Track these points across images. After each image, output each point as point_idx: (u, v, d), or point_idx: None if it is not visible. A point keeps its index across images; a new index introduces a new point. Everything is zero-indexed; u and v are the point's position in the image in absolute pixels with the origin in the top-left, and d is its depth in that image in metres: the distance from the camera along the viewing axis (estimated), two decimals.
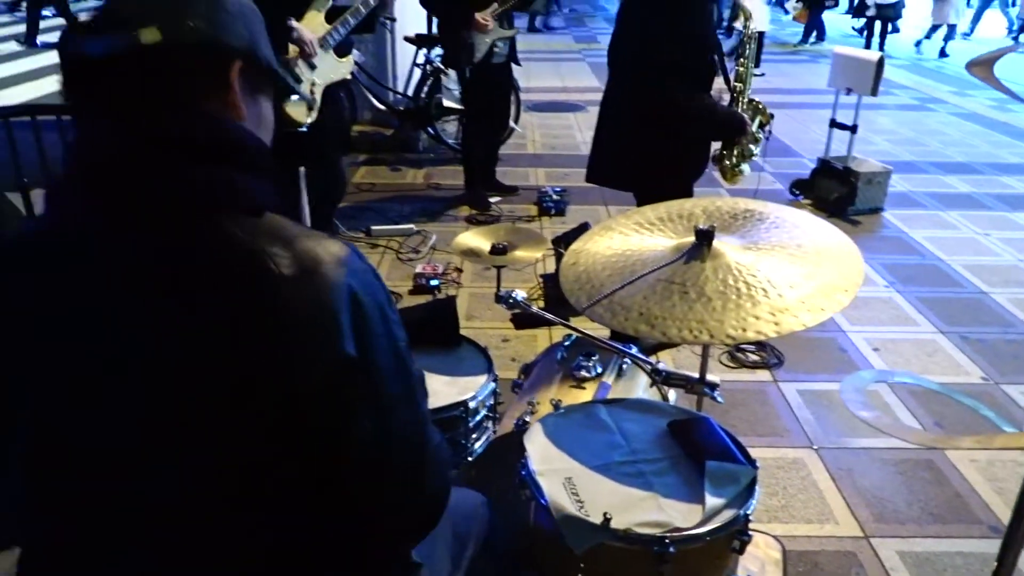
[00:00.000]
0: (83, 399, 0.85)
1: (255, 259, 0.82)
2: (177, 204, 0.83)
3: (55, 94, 0.93)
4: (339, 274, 0.86)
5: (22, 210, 3.40)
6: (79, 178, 0.87)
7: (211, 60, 0.88)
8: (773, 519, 2.33)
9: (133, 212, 0.83)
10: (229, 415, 0.82)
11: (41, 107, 3.43)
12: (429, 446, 0.97)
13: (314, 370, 0.83)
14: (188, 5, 0.87)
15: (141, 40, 0.83)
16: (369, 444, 0.88)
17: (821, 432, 2.75)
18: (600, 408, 1.63)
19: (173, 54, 0.85)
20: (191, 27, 0.86)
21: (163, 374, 0.82)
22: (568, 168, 5.79)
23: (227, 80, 0.89)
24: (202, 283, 0.82)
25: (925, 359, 3.27)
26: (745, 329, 1.48)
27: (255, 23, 0.94)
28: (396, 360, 0.91)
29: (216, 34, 0.88)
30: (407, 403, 0.93)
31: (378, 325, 0.89)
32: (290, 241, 0.85)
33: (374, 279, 0.91)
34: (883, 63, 4.75)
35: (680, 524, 1.31)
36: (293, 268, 0.83)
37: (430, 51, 5.89)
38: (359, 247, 3.58)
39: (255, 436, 0.83)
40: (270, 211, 0.88)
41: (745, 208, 1.86)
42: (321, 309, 0.83)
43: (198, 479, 0.84)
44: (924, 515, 2.36)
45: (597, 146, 3.01)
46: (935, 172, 5.95)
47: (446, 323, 2.01)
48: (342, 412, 0.86)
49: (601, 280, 1.68)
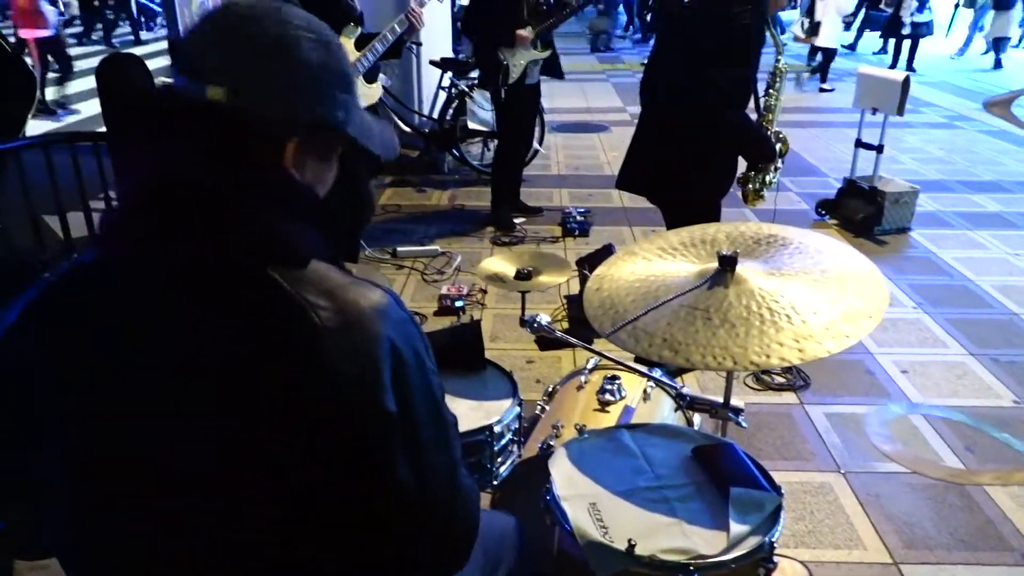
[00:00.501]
0: (123, 433, 0.87)
1: (298, 311, 0.84)
2: (224, 251, 0.85)
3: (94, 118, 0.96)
4: (379, 326, 0.87)
5: (59, 233, 3.51)
6: (134, 211, 0.89)
7: (268, 134, 0.89)
8: (800, 544, 2.31)
9: (181, 253, 0.85)
10: (269, 461, 0.85)
11: (79, 134, 3.55)
12: (462, 489, 1.00)
13: (355, 423, 0.85)
14: (263, 70, 0.88)
15: (207, 95, 0.85)
16: (406, 489, 0.91)
17: (848, 456, 2.73)
18: (624, 433, 1.64)
19: (234, 117, 0.86)
20: (257, 96, 0.87)
21: (206, 413, 0.85)
22: (592, 189, 5.81)
23: (280, 153, 0.91)
24: (246, 331, 0.84)
25: (955, 382, 3.23)
26: (769, 355, 1.49)
27: (333, 88, 0.94)
28: (432, 408, 0.94)
29: (281, 108, 0.89)
30: (442, 449, 0.96)
31: (416, 376, 0.91)
32: (332, 292, 0.87)
33: (413, 328, 0.94)
34: (909, 82, 4.73)
35: (705, 551, 1.32)
36: (335, 320, 0.85)
37: (455, 74, 5.97)
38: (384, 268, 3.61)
39: (295, 481, 0.85)
40: (317, 259, 0.90)
41: (768, 233, 1.87)
42: (362, 364, 0.85)
43: (239, 520, 0.86)
44: (954, 541, 2.33)
45: (632, 153, 3.04)
46: (964, 191, 5.88)
47: (471, 347, 2.04)
48: (381, 461, 0.88)
49: (625, 305, 1.69)
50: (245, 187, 0.86)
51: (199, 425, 0.85)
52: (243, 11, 0.90)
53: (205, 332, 0.85)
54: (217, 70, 0.86)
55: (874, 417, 3.01)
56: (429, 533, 0.97)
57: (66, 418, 0.89)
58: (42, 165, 3.27)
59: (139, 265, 0.87)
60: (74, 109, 8.43)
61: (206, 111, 0.86)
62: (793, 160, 3.03)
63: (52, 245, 3.57)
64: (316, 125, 0.92)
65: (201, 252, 0.85)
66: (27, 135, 5.29)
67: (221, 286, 0.85)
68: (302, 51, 0.90)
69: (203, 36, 0.90)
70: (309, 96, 0.91)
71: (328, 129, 0.94)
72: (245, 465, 0.85)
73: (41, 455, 0.91)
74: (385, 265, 4.37)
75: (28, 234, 3.32)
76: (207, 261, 0.85)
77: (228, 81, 0.86)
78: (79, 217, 3.51)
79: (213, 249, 0.85)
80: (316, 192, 0.97)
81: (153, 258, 0.86)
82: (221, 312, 0.85)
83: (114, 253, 0.90)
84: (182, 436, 0.85)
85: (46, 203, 3.36)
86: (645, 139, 2.98)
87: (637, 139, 3.02)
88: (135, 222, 0.88)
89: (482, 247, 4.68)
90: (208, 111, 0.86)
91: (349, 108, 0.96)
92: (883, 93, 4.86)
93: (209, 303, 0.85)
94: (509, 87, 4.56)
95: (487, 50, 4.54)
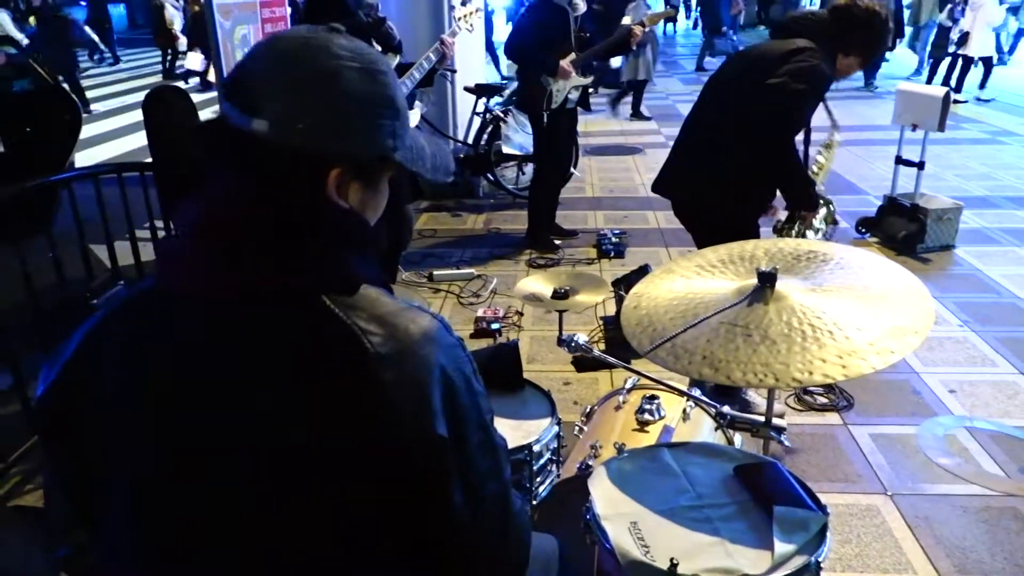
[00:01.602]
0: (182, 460, 0.88)
1: (351, 338, 0.85)
2: (275, 280, 0.86)
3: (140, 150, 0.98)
4: (430, 352, 0.89)
5: (107, 263, 3.61)
6: (191, 239, 0.90)
7: (309, 165, 0.90)
8: (847, 568, 2.25)
9: (234, 284, 0.87)
10: (326, 487, 0.85)
11: (127, 165, 3.66)
12: (513, 513, 1.00)
13: (408, 449, 0.86)
14: (307, 103, 0.88)
15: (252, 127, 0.87)
16: (460, 515, 0.91)
17: (896, 478, 2.66)
18: (664, 452, 1.62)
19: (276, 148, 0.88)
20: (299, 129, 0.87)
21: (263, 440, 0.86)
22: (627, 211, 5.81)
23: (323, 182, 0.92)
24: (300, 358, 0.85)
25: (1005, 401, 3.14)
26: (812, 372, 1.47)
27: (380, 118, 0.94)
28: (483, 433, 0.94)
29: (323, 141, 0.89)
30: (495, 474, 0.96)
31: (467, 400, 0.92)
32: (383, 318, 0.88)
33: (462, 352, 0.95)
34: (949, 98, 4.66)
35: (749, 571, 1.29)
36: (386, 346, 0.86)
37: (489, 100, 6.04)
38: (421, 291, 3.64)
39: (352, 508, 0.86)
40: (367, 284, 0.91)
41: (808, 249, 1.85)
42: (414, 390, 0.86)
43: (295, 544, 0.87)
44: (1010, 566, 2.25)
45: (674, 160, 3.02)
46: (1009, 207, 5.75)
47: (510, 367, 2.04)
48: (436, 487, 0.89)
49: (663, 323, 1.68)
50: (289, 217, 0.88)
51: (256, 451, 0.86)
52: (289, 44, 0.91)
53: (261, 360, 0.86)
54: (261, 103, 0.88)
55: (927, 429, 2.94)
56: (483, 558, 0.97)
57: (128, 443, 0.90)
58: (91, 196, 3.38)
59: (195, 294, 0.89)
60: None
61: (251, 143, 0.88)
62: (832, 178, 2.99)
63: (100, 274, 3.68)
64: (358, 154, 0.93)
65: (254, 282, 0.86)
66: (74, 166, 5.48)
67: (275, 315, 0.86)
68: (344, 81, 0.90)
69: (252, 67, 0.92)
70: (349, 126, 0.91)
71: (372, 157, 0.95)
72: (302, 491, 0.86)
73: (104, 479, 0.93)
74: (422, 288, 4.40)
75: (78, 263, 3.42)
76: (261, 291, 0.86)
77: (270, 114, 0.87)
78: (126, 246, 3.61)
79: (265, 279, 0.86)
80: (364, 218, 0.98)
81: (208, 287, 0.88)
82: (276, 340, 0.86)
83: (172, 283, 0.92)
84: (240, 463, 0.86)
85: (95, 233, 3.47)
86: (696, 148, 2.94)
87: (686, 146, 2.99)
88: (191, 252, 0.90)
89: (518, 270, 4.69)
90: (253, 143, 0.88)
91: (397, 133, 0.96)
92: (923, 109, 4.79)
93: (264, 332, 0.86)
94: (551, 112, 4.60)
95: (532, 75, 4.59)
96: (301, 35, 0.92)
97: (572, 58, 4.53)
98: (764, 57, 2.75)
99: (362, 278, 0.91)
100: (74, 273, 3.43)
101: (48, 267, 3.24)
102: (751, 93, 2.64)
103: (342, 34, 0.95)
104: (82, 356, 0.95)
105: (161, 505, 0.90)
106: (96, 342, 0.95)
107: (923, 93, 5.00)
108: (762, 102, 2.60)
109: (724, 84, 2.89)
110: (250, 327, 0.86)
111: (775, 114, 2.60)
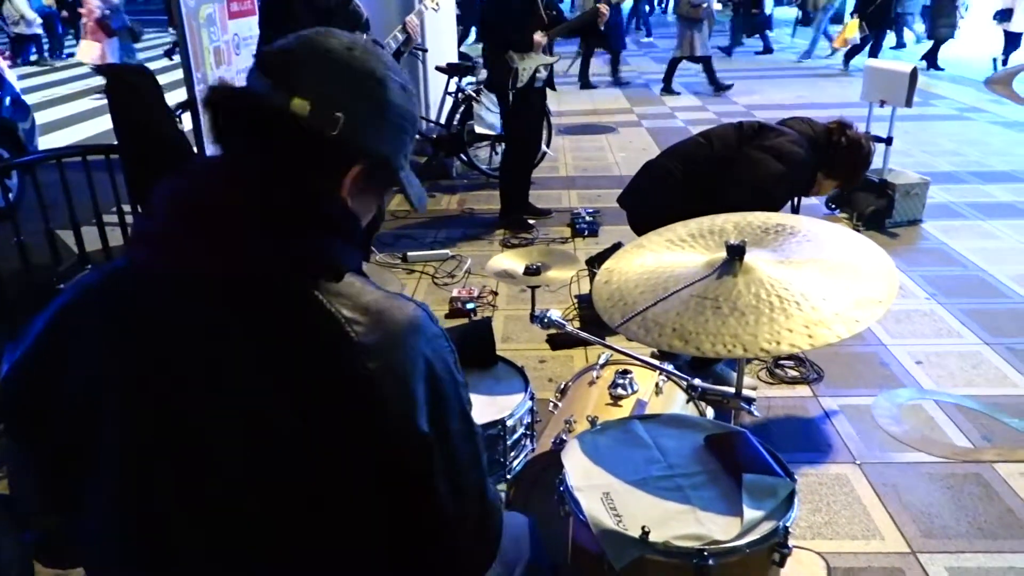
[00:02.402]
0: (166, 441, 0.87)
1: (335, 326, 0.85)
2: (269, 268, 0.85)
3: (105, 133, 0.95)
4: (415, 342, 0.89)
5: (74, 248, 3.55)
6: (179, 219, 0.87)
7: (337, 155, 0.91)
8: (817, 536, 2.30)
9: (227, 262, 0.85)
10: (310, 471, 0.85)
11: (91, 147, 3.59)
12: (490, 502, 1.02)
13: (393, 440, 0.87)
14: (351, 97, 0.90)
15: (290, 106, 0.86)
16: (444, 503, 0.93)
17: (864, 447, 2.71)
18: (637, 424, 1.64)
19: (309, 132, 0.87)
20: (337, 118, 0.88)
21: (247, 424, 0.85)
22: (601, 189, 5.82)
23: (343, 176, 0.92)
24: (284, 345, 0.85)
25: (970, 371, 3.21)
26: (779, 342, 1.49)
27: (406, 133, 0.97)
28: (464, 423, 0.96)
29: (356, 135, 0.90)
30: (475, 463, 0.98)
31: (450, 390, 0.93)
32: (368, 307, 0.88)
33: (445, 343, 0.95)
34: (916, 74, 4.71)
35: (719, 537, 1.32)
36: (371, 336, 0.86)
37: (461, 80, 6.00)
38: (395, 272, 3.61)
39: (332, 493, 0.87)
40: (351, 272, 0.91)
41: (777, 223, 1.88)
42: (399, 381, 0.86)
43: (277, 528, 0.87)
44: (973, 530, 2.31)
45: (639, 188, 3.07)
46: (975, 182, 5.85)
47: (483, 344, 2.05)
48: (420, 477, 0.90)
49: (634, 297, 1.70)
50: (302, 203, 0.87)
51: (239, 433, 0.85)
52: (342, 41, 0.92)
53: (246, 346, 0.85)
54: (306, 85, 0.87)
55: (883, 399, 3.00)
56: (463, 543, 0.99)
57: (110, 424, 0.89)
58: (56, 181, 3.32)
59: (179, 272, 0.87)
60: None
61: (284, 117, 0.87)
62: None
63: (67, 259, 3.62)
64: (382, 161, 0.95)
65: (248, 263, 0.85)
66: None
67: (261, 298, 0.85)
68: (390, 90, 0.93)
69: (298, 52, 0.91)
70: (384, 130, 0.94)
71: (391, 166, 0.96)
72: (285, 475, 0.86)
73: (84, 461, 0.91)
74: (396, 269, 4.39)
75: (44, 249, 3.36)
76: (251, 272, 0.85)
77: (314, 97, 0.87)
78: (93, 231, 3.56)
79: (261, 261, 0.85)
80: (360, 222, 0.98)
81: (197, 266, 0.86)
82: (262, 326, 0.85)
83: (153, 261, 0.89)
84: (224, 445, 0.86)
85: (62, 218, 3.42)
86: (664, 193, 2.96)
87: (651, 185, 3.03)
88: (179, 230, 0.87)
89: (492, 249, 4.69)
90: (286, 118, 0.87)
91: (407, 153, 0.99)
92: (891, 85, 4.85)
93: (250, 317, 0.85)
94: (517, 91, 4.59)
95: (498, 54, 4.57)
96: (353, 38, 0.94)
97: (541, 34, 4.51)
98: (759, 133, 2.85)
99: (348, 268, 0.91)
100: (41, 259, 3.37)
101: (13, 253, 3.18)
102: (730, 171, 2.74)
103: (384, 49, 0.98)
104: (53, 336, 0.93)
105: (145, 486, 0.88)
106: (69, 322, 0.93)
107: (891, 69, 5.06)
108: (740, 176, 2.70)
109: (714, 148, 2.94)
110: (235, 309, 0.85)
111: (752, 189, 2.66)
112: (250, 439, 0.85)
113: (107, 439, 0.89)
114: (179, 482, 0.87)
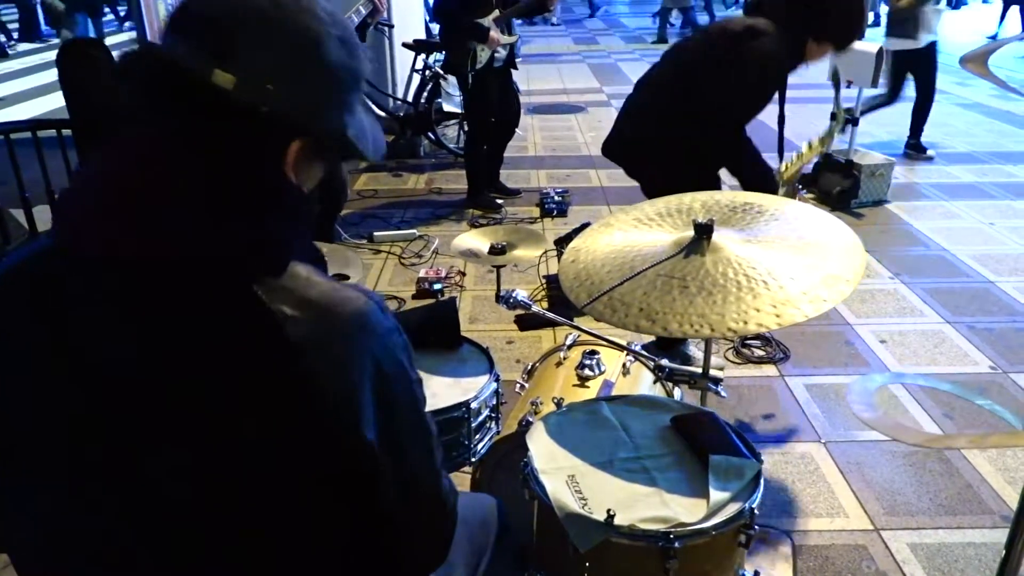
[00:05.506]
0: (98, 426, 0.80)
1: (271, 325, 0.77)
2: (204, 258, 0.78)
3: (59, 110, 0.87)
4: (361, 340, 0.82)
5: (25, 226, 3.43)
6: (100, 197, 0.79)
7: (272, 131, 0.82)
8: (782, 514, 2.31)
9: (156, 247, 0.77)
10: (248, 471, 0.80)
11: (42, 122, 3.46)
12: (443, 497, 0.98)
13: (336, 444, 0.81)
14: (285, 66, 0.79)
15: (212, 79, 0.75)
16: (391, 507, 0.89)
17: (829, 426, 2.73)
18: (603, 405, 1.62)
19: (236, 107, 0.77)
20: (268, 91, 0.78)
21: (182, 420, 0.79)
22: (570, 169, 5.79)
23: (283, 154, 0.84)
24: (220, 342, 0.78)
25: (932, 350, 3.25)
26: (747, 322, 1.47)
27: (351, 92, 0.87)
28: (417, 422, 0.91)
29: (292, 108, 0.80)
30: (426, 463, 0.94)
31: (399, 389, 0.87)
32: (312, 302, 0.80)
33: (398, 338, 0.88)
34: (882, 54, 4.73)
35: (685, 519, 1.30)
36: (313, 334, 0.79)
37: (429, 57, 5.90)
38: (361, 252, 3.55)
39: (278, 494, 0.82)
40: (297, 259, 0.83)
41: (744, 201, 1.86)
42: (342, 382, 0.80)
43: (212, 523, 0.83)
44: (935, 507, 2.34)
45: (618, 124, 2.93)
46: (939, 163, 5.92)
47: (447, 325, 2.01)
48: (365, 483, 0.85)
49: (601, 277, 1.67)
50: (236, 184, 0.79)
51: (175, 430, 0.79)
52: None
53: (178, 341, 0.78)
54: (228, 50, 0.76)
55: (857, 386, 3.02)
56: (415, 540, 0.96)
57: (38, 410, 0.82)
58: (4, 157, 3.20)
59: (104, 256, 0.78)
60: None
61: (204, 92, 0.76)
62: (767, 135, 2.99)
63: (17, 238, 3.50)
64: (327, 129, 0.85)
65: (176, 250, 0.77)
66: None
67: (197, 294, 0.78)
68: (326, 52, 0.82)
69: (217, 8, 0.79)
70: (324, 101, 0.84)
71: (336, 135, 0.86)
72: (221, 473, 0.80)
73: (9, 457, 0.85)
74: (362, 250, 4.32)
75: None
76: (180, 260, 0.77)
77: (239, 69, 0.76)
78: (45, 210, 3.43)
79: (189, 247, 0.77)
80: (306, 194, 0.90)
81: (119, 250, 0.77)
82: (196, 321, 0.78)
83: (74, 243, 0.80)
84: (162, 444, 0.79)
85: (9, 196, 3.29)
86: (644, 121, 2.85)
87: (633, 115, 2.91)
88: (106, 210, 0.78)
89: (460, 229, 4.63)
90: (207, 92, 0.76)
91: (354, 109, 0.88)
92: (857, 65, 4.86)
93: (183, 312, 0.78)
94: (476, 72, 4.52)
95: (454, 36, 4.50)
96: None
97: (495, 15, 4.45)
98: (724, 34, 2.66)
99: (293, 255, 0.83)
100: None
101: None
102: (705, 74, 2.59)
103: None
104: None
105: (71, 477, 0.82)
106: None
107: (857, 49, 5.06)
108: (711, 88, 2.55)
109: (682, 56, 2.81)
110: (164, 300, 0.78)
111: (721, 104, 2.56)
112: (186, 438, 0.79)
113: (36, 435, 0.82)
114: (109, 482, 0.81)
